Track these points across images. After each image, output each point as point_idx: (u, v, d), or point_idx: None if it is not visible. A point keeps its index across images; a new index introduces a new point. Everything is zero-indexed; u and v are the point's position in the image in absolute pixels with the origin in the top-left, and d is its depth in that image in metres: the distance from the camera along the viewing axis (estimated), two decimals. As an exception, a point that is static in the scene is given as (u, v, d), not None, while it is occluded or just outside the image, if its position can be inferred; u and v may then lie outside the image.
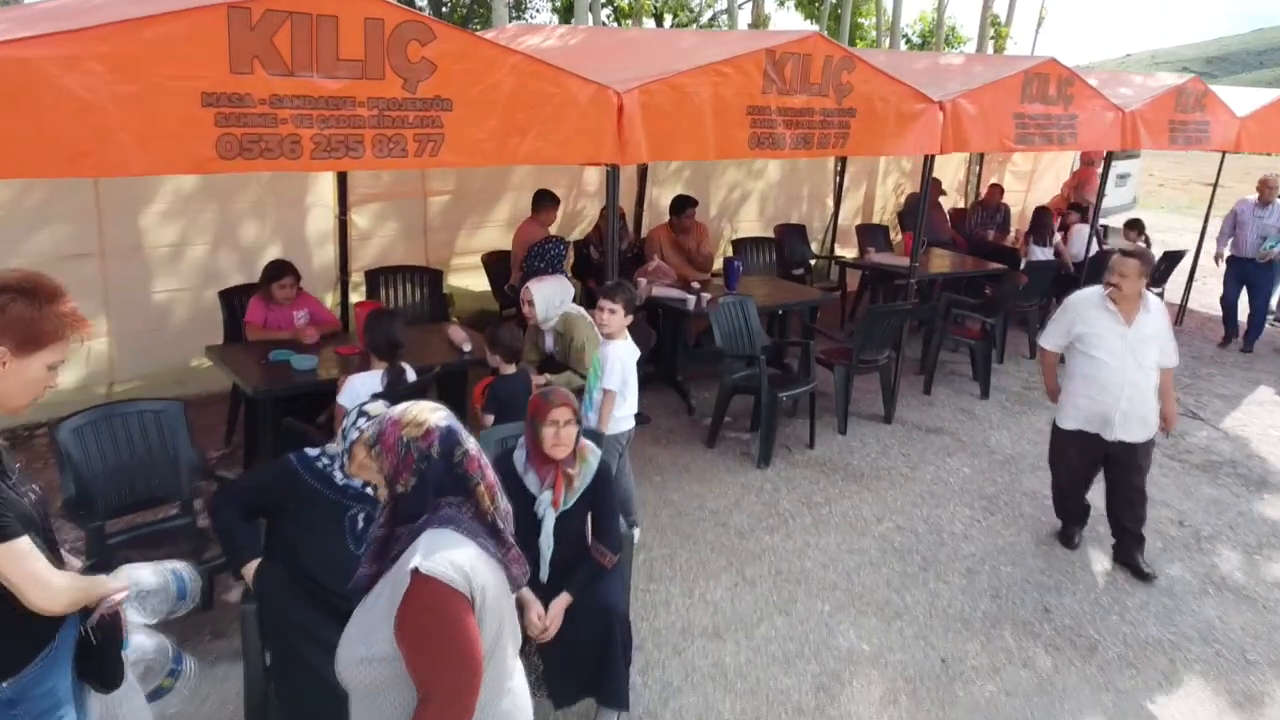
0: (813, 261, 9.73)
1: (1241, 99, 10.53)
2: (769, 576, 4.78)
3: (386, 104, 3.81)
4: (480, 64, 4.05)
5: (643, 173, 8.45)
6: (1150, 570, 4.97)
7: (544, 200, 7.18)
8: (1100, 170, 11.79)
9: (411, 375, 4.58)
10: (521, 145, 4.30)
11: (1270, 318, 11.12)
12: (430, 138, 3.97)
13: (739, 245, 8.62)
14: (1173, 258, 9.91)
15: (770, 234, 9.35)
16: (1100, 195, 8.68)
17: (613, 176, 4.74)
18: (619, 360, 4.52)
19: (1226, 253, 9.58)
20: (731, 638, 4.24)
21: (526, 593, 3.36)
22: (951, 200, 12.20)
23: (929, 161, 6.61)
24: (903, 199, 11.24)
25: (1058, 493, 5.35)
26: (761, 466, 6.03)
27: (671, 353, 7.06)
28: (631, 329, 5.61)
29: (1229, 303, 9.65)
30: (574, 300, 5.60)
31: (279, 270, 5.50)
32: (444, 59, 3.91)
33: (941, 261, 9.07)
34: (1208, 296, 11.31)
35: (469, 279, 7.79)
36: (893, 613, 4.53)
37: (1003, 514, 5.65)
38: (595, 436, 4.05)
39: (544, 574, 3.43)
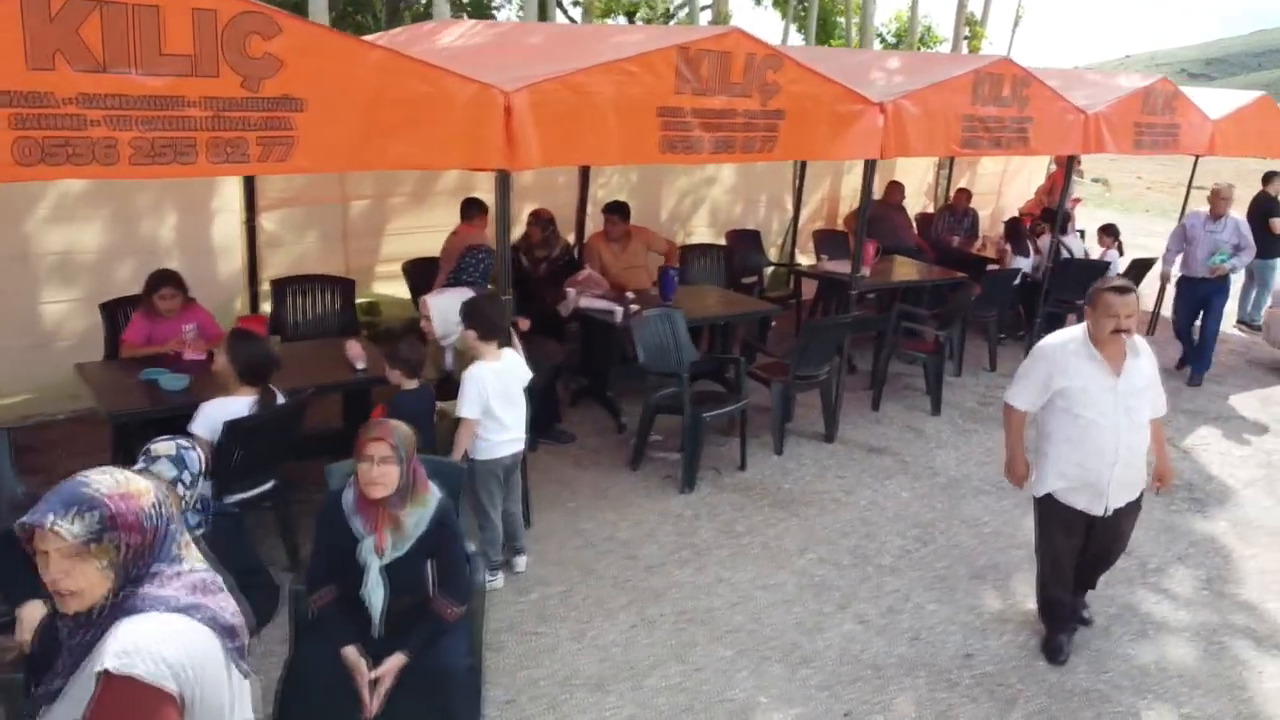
0: (770, 270, 9.38)
1: (1217, 101, 10.19)
2: (671, 617, 4.41)
3: (224, 104, 3.44)
4: (336, 60, 3.69)
5: (585, 176, 8.08)
6: (1090, 616, 4.60)
7: (472, 208, 6.84)
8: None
9: (280, 399, 4.21)
10: (390, 148, 3.94)
11: (1242, 326, 10.79)
12: (279, 141, 3.60)
13: (685, 252, 8.24)
14: (1142, 265, 9.54)
15: (722, 240, 8.99)
16: (1063, 199, 8.30)
17: (502, 183, 4.37)
18: (476, 383, 4.17)
19: (1176, 272, 8.63)
20: (616, 689, 3.88)
21: (353, 655, 3.00)
22: (920, 205, 11.86)
23: (870, 167, 6.24)
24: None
25: (1043, 587, 4.32)
26: (685, 491, 5.67)
27: (601, 367, 6.70)
28: (536, 344, 5.28)
29: (1182, 330, 8.58)
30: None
31: (160, 280, 5.14)
32: (292, 54, 3.55)
33: (898, 270, 8.71)
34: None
35: (397, 287, 7.42)
36: (800, 659, 4.16)
37: (937, 544, 5.29)
38: (452, 470, 3.68)
39: (376, 629, 3.07)
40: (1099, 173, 26.16)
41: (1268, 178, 10.70)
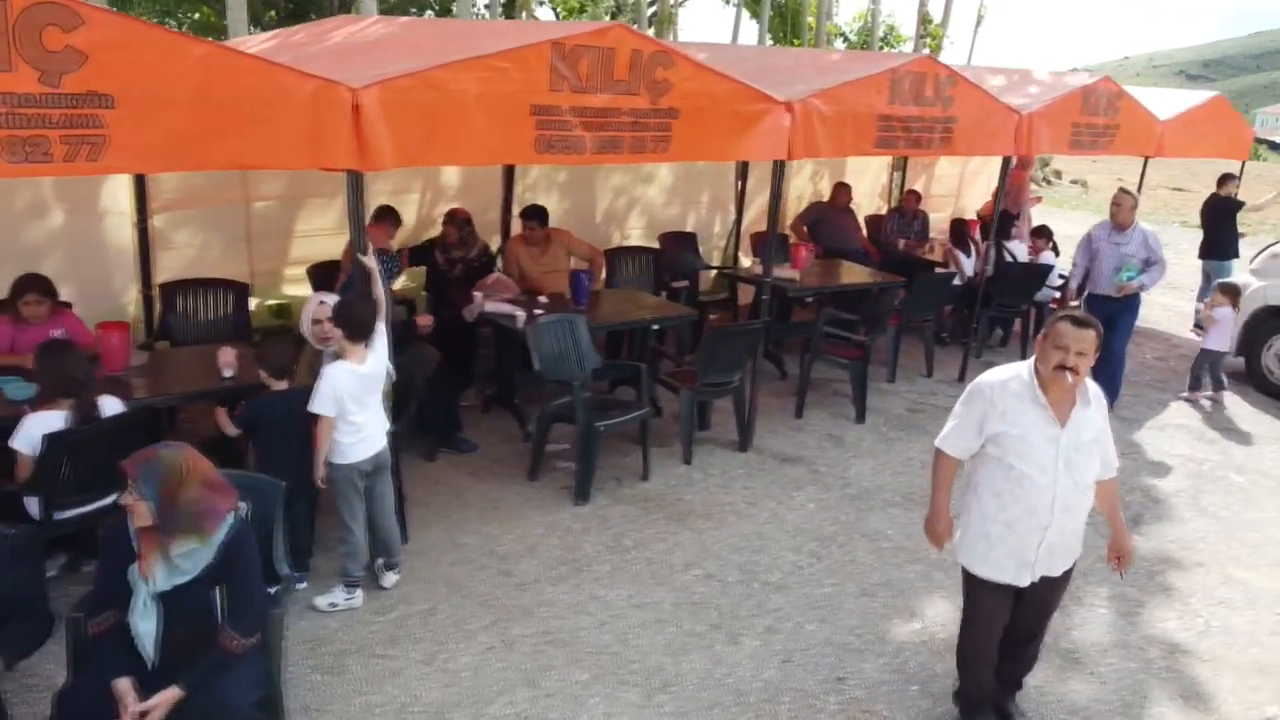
0: (706, 274, 9.18)
1: (1170, 101, 10.02)
2: (533, 638, 4.22)
3: (19, 100, 3.25)
4: (151, 55, 3.50)
5: (509, 175, 7.89)
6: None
7: (384, 216, 6.68)
8: (1031, 174, 11.34)
9: (112, 409, 4.02)
10: (219, 147, 3.75)
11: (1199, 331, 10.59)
12: (86, 140, 3.41)
13: (612, 256, 8.05)
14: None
15: (655, 242, 8.79)
16: (997, 201, 8.11)
17: (354, 184, 4.17)
18: (331, 381, 4.02)
19: (1074, 286, 7.68)
20: (454, 718, 3.68)
21: (122, 686, 2.80)
22: (875, 206, 11.68)
23: (779, 168, 6.05)
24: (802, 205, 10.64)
25: (962, 664, 3.71)
26: (579, 503, 5.47)
27: (510, 373, 6.50)
28: (414, 348, 5.11)
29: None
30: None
31: (24, 286, 4.94)
32: (98, 48, 3.35)
33: (831, 273, 8.51)
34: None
35: (309, 290, 7.22)
36: (659, 683, 3.96)
37: (832, 559, 5.10)
38: (268, 487, 3.48)
39: (150, 658, 2.87)
40: (1078, 174, 26.02)
41: (1223, 180, 10.55)
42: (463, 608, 4.41)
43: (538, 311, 6.17)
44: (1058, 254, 9.91)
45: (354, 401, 4.07)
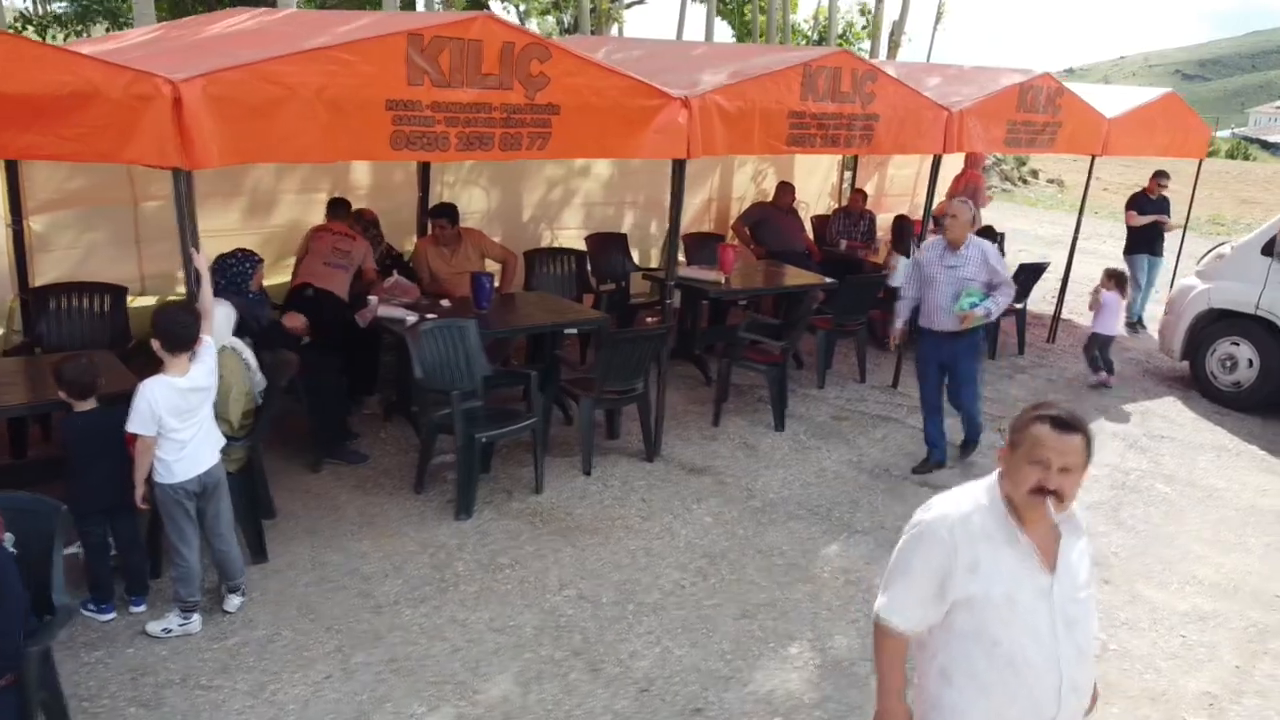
0: (637, 276, 8.93)
1: (1122, 99, 9.79)
2: (377, 665, 3.96)
3: None
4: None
5: (424, 174, 7.63)
6: None
7: (336, 209, 6.50)
8: (979, 172, 11.10)
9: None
10: (16, 140, 3.50)
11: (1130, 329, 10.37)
12: None
13: (532, 258, 7.80)
14: (1032, 271, 9.13)
15: (583, 244, 8.54)
16: (929, 199, 7.85)
17: (180, 182, 3.91)
18: (146, 398, 3.76)
19: (900, 324, 6.29)
20: (267, 756, 3.43)
21: None
22: (826, 206, 11.43)
23: (678, 168, 5.80)
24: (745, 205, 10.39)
25: None
26: (461, 518, 5.22)
27: (406, 380, 6.24)
28: (277, 354, 4.87)
29: (928, 403, 6.16)
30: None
31: None
32: None
33: (759, 276, 8.26)
34: (1075, 301, 10.56)
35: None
36: (500, 716, 3.71)
37: (719, 577, 4.84)
38: (42, 509, 3.22)
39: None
40: (1055, 174, 25.80)
41: (1159, 177, 10.36)
42: (308, 633, 4.16)
43: (430, 316, 5.91)
44: (1003, 255, 9.65)
45: (175, 417, 3.81)
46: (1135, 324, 10.53)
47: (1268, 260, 7.74)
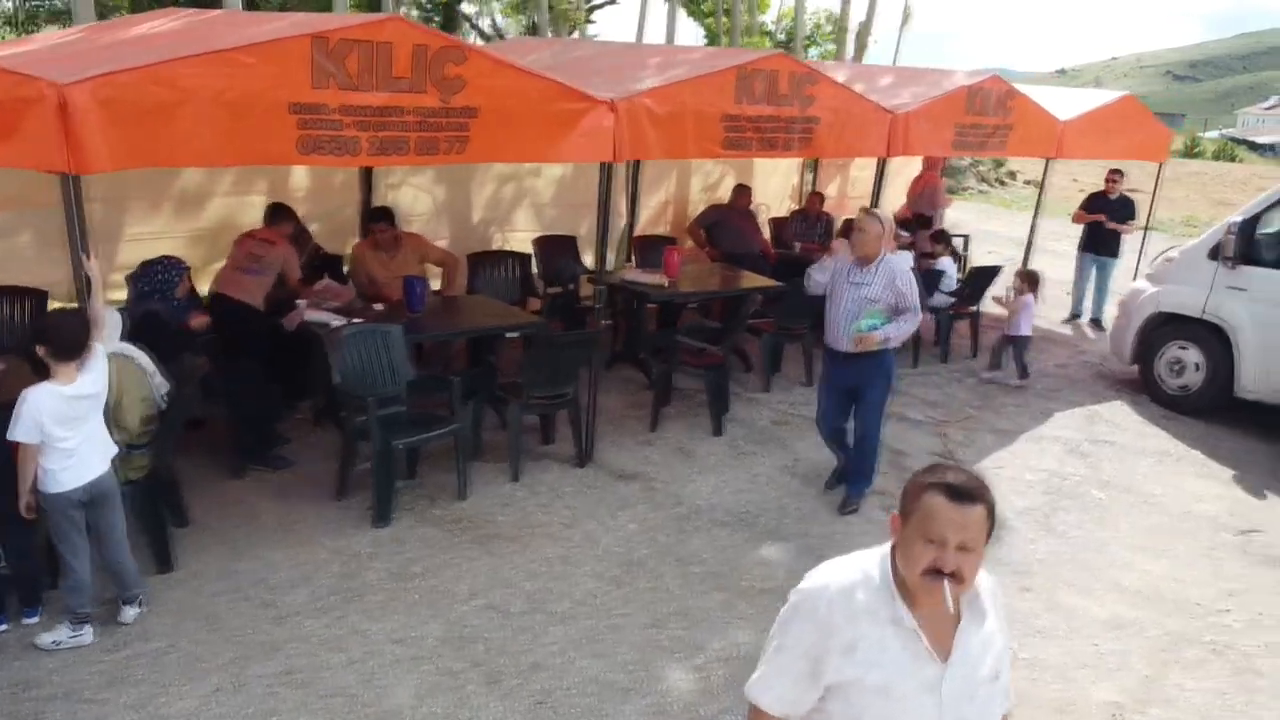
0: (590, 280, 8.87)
1: (1076, 101, 9.77)
2: (269, 678, 3.90)
3: None
4: None
5: (366, 176, 7.56)
6: None
7: (273, 215, 6.44)
8: (937, 172, 11.08)
9: None
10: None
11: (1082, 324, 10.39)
12: None
13: (475, 261, 7.74)
14: (984, 274, 9.11)
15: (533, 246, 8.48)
16: (874, 202, 7.81)
17: (69, 188, 3.85)
18: (31, 406, 3.71)
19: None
20: (141, 772, 3.37)
21: None
22: (787, 209, 11.39)
23: (605, 171, 5.75)
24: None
25: None
26: (379, 526, 5.16)
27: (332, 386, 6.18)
28: (183, 360, 4.81)
29: (828, 432, 5.78)
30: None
31: None
32: None
33: (705, 279, 8.21)
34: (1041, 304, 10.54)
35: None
36: (389, 730, 3.67)
37: (634, 586, 4.79)
38: None
39: None
40: (1033, 176, 25.82)
41: (1112, 177, 10.36)
42: (205, 644, 4.10)
43: (357, 320, 5.85)
44: (957, 259, 9.65)
45: (61, 426, 3.75)
46: (1093, 322, 10.55)
47: (1214, 265, 7.71)
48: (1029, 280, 8.28)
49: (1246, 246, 7.50)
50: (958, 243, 11.62)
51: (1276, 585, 5.25)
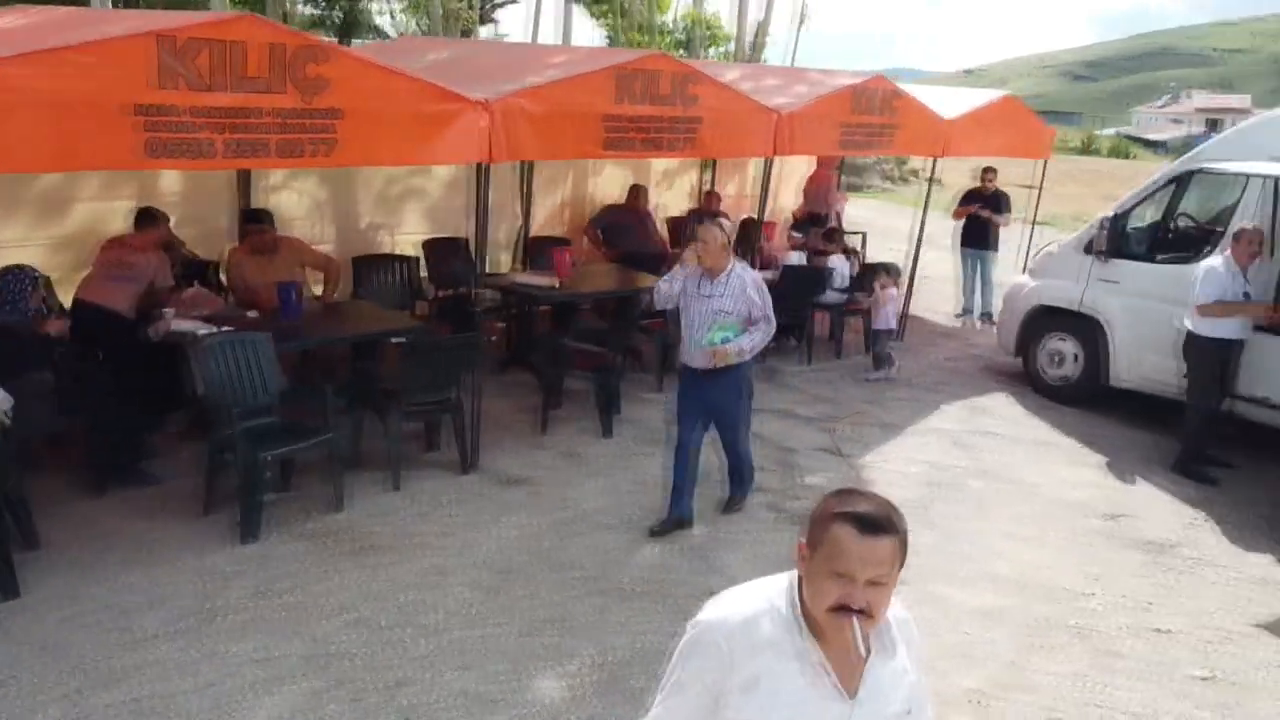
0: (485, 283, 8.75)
1: (961, 101, 10.01)
2: (116, 707, 3.72)
3: None
4: None
5: (244, 179, 7.33)
6: None
7: (141, 220, 6.14)
8: (834, 171, 11.25)
9: None
10: None
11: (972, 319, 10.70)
12: None
13: (358, 265, 7.57)
14: (894, 266, 9.27)
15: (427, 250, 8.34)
16: (762, 202, 7.88)
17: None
18: None
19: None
20: (-35, 815, 3.18)
21: None
22: (685, 208, 11.43)
23: (482, 171, 5.67)
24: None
25: None
26: (246, 542, 4.98)
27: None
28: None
29: (682, 446, 5.37)
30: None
31: None
32: None
33: (592, 280, 8.17)
34: (931, 298, 10.83)
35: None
36: (240, 756, 3.53)
37: (511, 594, 4.72)
38: None
39: None
40: (935, 173, 26.42)
41: (986, 174, 10.70)
42: (48, 674, 3.89)
43: (227, 329, 5.65)
44: (851, 257, 9.81)
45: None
46: (981, 316, 10.85)
47: (1088, 258, 7.98)
48: (890, 274, 8.53)
49: (1117, 240, 7.78)
50: (855, 240, 11.85)
51: (1139, 568, 5.44)
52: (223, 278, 6.93)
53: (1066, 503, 6.23)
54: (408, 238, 8.70)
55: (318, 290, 6.97)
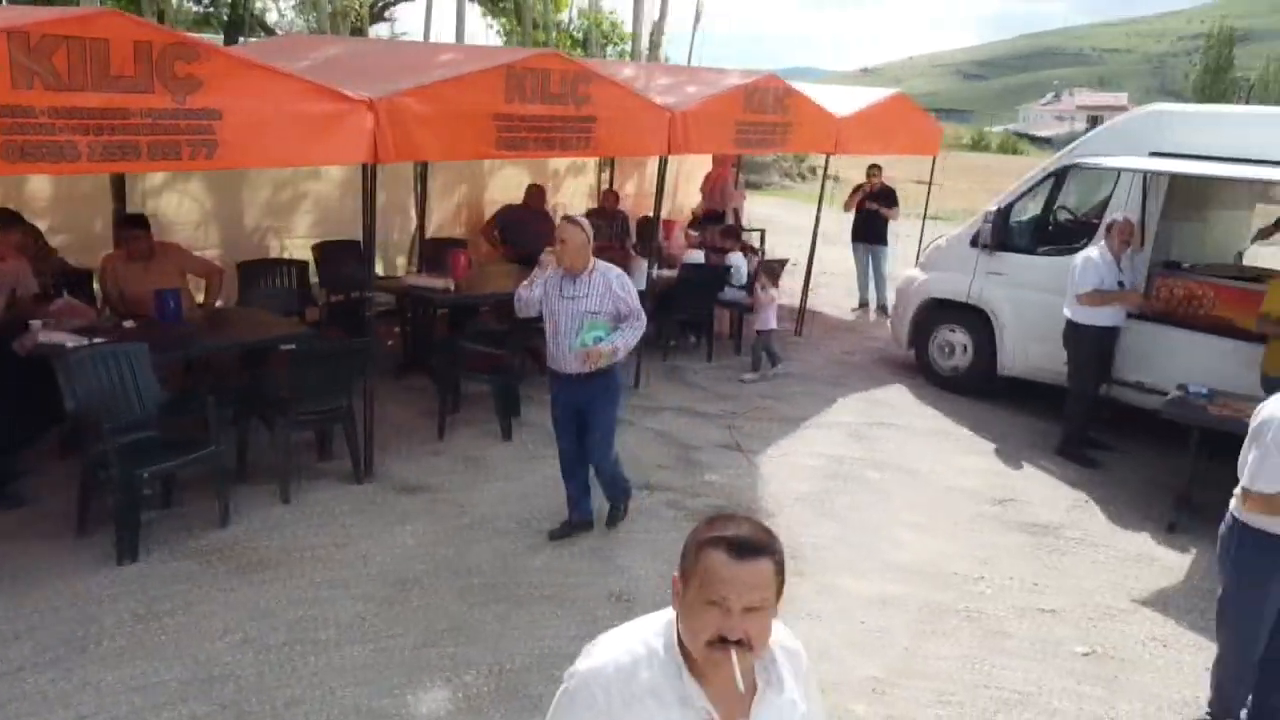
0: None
1: (853, 99, 10.21)
2: (-21, 746, 3.51)
3: None
4: None
5: (119, 183, 6.99)
6: None
7: (4, 224, 5.76)
8: (731, 171, 11.35)
9: None
10: None
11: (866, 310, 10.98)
12: None
13: (244, 270, 7.31)
14: (772, 267, 9.40)
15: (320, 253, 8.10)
16: (658, 200, 7.88)
17: None
18: None
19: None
20: None
21: None
22: (584, 207, 11.39)
23: (368, 171, 5.53)
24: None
25: None
26: (124, 563, 4.75)
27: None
28: None
29: (568, 457, 5.34)
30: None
31: None
32: None
33: (499, 280, 8.06)
34: (832, 293, 11.04)
35: None
36: (116, 790, 3.35)
37: (408, 605, 4.61)
38: None
39: None
40: (833, 170, 26.96)
41: (872, 171, 11.00)
42: (-99, 715, 3.64)
43: (99, 340, 5.38)
44: (750, 254, 9.92)
45: None
46: (877, 309, 11.11)
47: (976, 252, 8.23)
48: (770, 274, 8.61)
49: (1002, 234, 8.05)
50: (755, 237, 11.99)
51: (1026, 550, 5.63)
52: (96, 287, 6.60)
53: (959, 490, 6.41)
54: (299, 241, 8.44)
55: (201, 298, 6.70)
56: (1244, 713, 3.95)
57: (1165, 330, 7.05)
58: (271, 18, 16.79)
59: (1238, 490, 3.68)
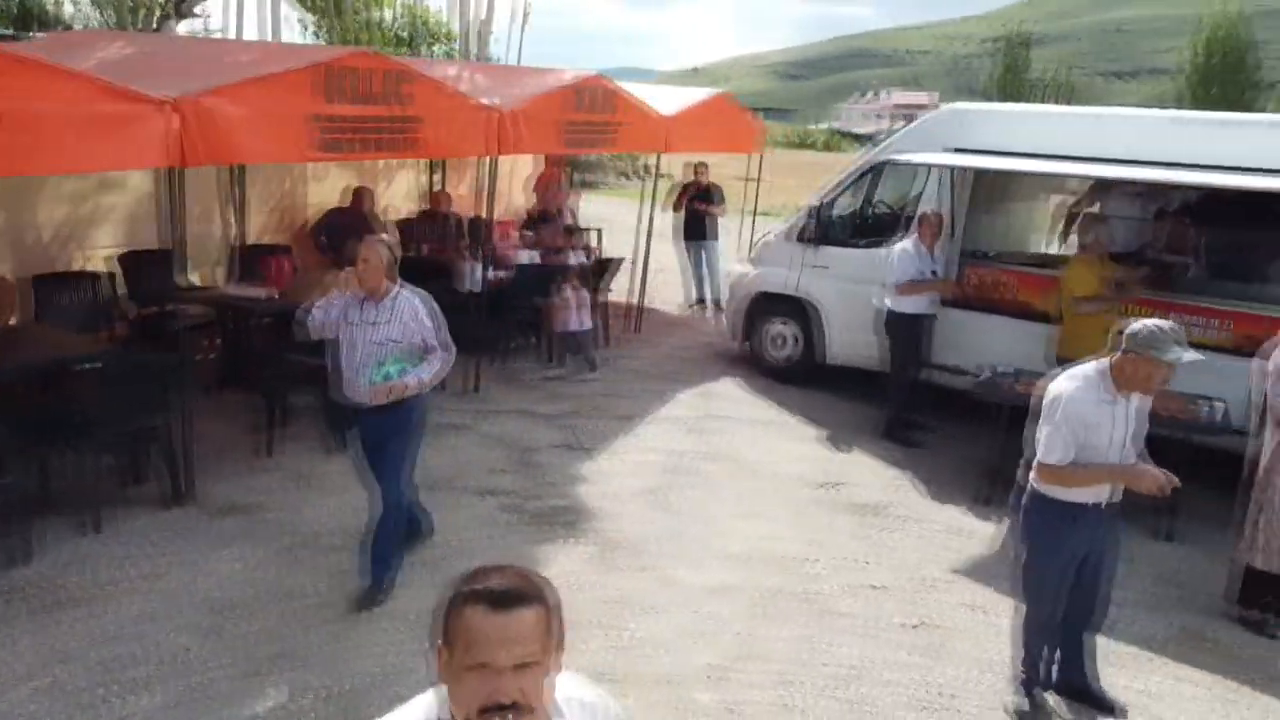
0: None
1: (679, 99, 10.38)
2: None
3: None
4: None
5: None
6: None
7: None
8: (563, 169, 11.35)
9: None
10: None
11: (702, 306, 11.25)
12: None
13: (38, 285, 6.76)
14: (607, 265, 9.48)
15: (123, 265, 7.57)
16: (490, 201, 7.79)
17: None
18: None
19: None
20: None
21: None
22: (415, 209, 11.13)
23: (174, 176, 5.22)
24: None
25: None
26: (-100, 611, 4.32)
27: None
28: None
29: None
30: None
31: None
32: None
33: (325, 288, 7.75)
34: (668, 290, 11.25)
35: None
36: None
37: (232, 632, 4.38)
38: None
39: None
40: (665, 167, 27.44)
41: (699, 168, 11.27)
42: None
43: None
44: (590, 254, 9.96)
45: None
46: (712, 304, 11.36)
47: (800, 246, 8.54)
48: (579, 277, 8.71)
49: (822, 228, 8.39)
50: (591, 236, 12.04)
51: (854, 530, 5.89)
52: None
53: (789, 476, 6.64)
54: (102, 252, 7.86)
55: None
56: (1053, 669, 4.26)
57: (974, 316, 7.53)
58: (68, 10, 15.56)
59: (1033, 463, 3.97)
